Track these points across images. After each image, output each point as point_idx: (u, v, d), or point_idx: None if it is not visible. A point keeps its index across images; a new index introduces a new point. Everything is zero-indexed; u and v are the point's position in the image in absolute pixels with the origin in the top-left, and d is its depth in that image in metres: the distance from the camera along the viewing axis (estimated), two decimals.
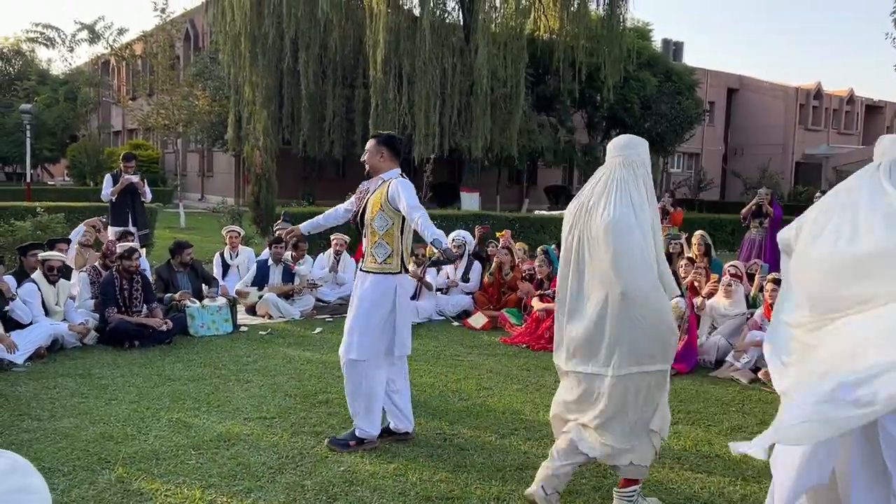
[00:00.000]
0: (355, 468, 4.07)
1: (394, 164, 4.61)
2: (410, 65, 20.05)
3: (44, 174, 41.12)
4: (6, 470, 1.26)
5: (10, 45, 39.58)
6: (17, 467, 1.29)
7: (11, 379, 5.64)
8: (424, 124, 20.15)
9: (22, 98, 32.16)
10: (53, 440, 4.34)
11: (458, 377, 6.08)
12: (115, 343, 6.72)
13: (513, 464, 4.22)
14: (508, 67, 21.27)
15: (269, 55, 21.80)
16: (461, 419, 5.01)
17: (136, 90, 31.53)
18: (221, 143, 25.02)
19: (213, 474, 3.93)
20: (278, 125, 22.60)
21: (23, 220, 11.02)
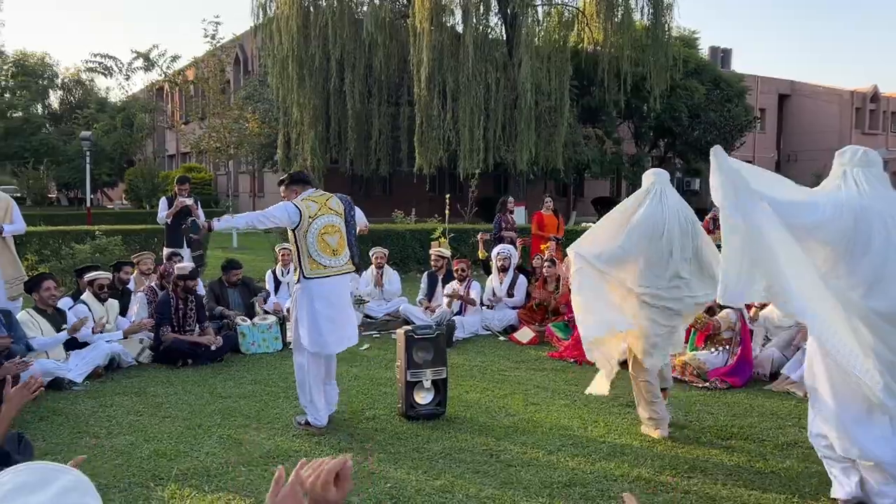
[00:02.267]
0: (402, 484, 4.08)
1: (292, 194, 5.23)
2: (454, 81, 20.20)
3: (103, 198, 42.52)
4: (70, 487, 1.31)
5: (70, 76, 41.23)
6: (77, 486, 1.34)
7: (71, 398, 5.83)
8: (469, 139, 20.23)
9: (82, 126, 33.40)
10: (110, 457, 4.47)
11: (504, 393, 6.05)
12: (169, 361, 6.89)
13: (560, 480, 4.17)
14: (552, 80, 21.24)
15: (316, 76, 22.25)
16: (508, 435, 4.98)
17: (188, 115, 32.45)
18: (272, 163, 25.53)
19: (263, 490, 3.99)
20: (325, 144, 23.00)
21: (82, 244, 11.44)
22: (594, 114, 26.18)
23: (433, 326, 5.52)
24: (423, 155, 20.70)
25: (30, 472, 1.31)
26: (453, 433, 4.99)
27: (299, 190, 5.24)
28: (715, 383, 6.26)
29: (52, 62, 40.47)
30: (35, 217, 21.05)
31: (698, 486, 4.11)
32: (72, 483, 1.33)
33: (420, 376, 5.21)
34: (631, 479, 4.22)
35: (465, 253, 13.89)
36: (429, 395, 5.27)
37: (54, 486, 1.29)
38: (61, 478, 1.32)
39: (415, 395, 5.23)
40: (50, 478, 1.31)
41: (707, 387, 6.21)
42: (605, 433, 5.05)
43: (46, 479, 1.29)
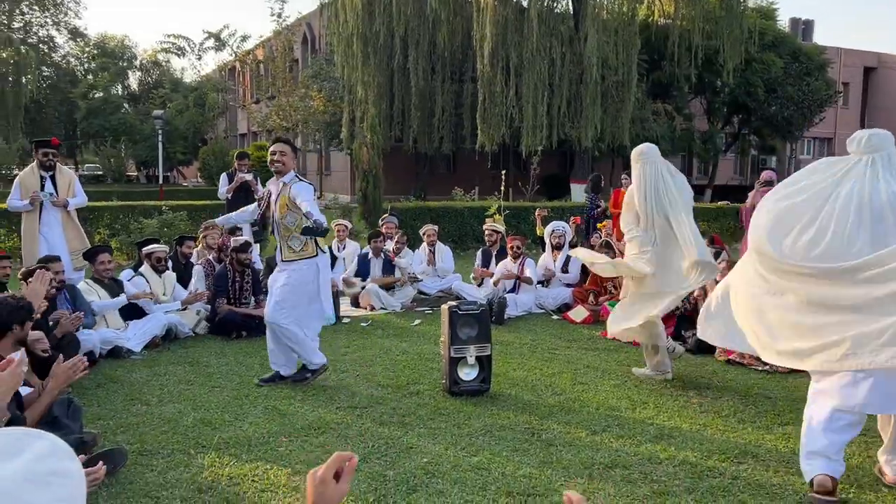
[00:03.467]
0: (438, 460, 4.03)
1: (294, 164, 5.46)
2: (518, 56, 19.88)
3: (178, 176, 43.95)
4: (45, 453, 1.28)
5: (148, 57, 42.62)
6: (55, 451, 1.31)
7: (128, 366, 6.02)
8: (532, 116, 19.92)
9: (158, 105, 34.51)
10: (158, 425, 4.58)
11: (552, 371, 5.94)
12: (224, 333, 7.03)
13: (602, 461, 4.05)
14: (620, 54, 20.66)
15: (380, 54, 22.28)
16: (552, 414, 4.87)
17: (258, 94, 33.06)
18: (337, 141, 25.79)
19: (300, 461, 4.01)
20: (389, 122, 23.06)
21: (150, 218, 11.81)
22: (664, 89, 25.37)
23: (478, 302, 5.43)
24: (486, 132, 20.50)
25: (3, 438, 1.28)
26: (496, 410, 4.91)
27: (292, 161, 5.48)
28: (775, 366, 5.96)
29: (131, 44, 41.92)
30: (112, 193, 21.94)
31: (748, 473, 3.92)
32: (48, 448, 1.30)
33: (464, 352, 5.15)
34: (676, 462, 4.06)
35: (525, 231, 13.74)
36: (473, 372, 5.20)
37: (28, 453, 1.27)
38: (35, 444, 1.30)
39: (458, 372, 5.17)
40: (22, 444, 1.28)
41: (767, 370, 5.94)
42: (654, 415, 4.89)
43: (18, 446, 1.27)
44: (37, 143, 7.59)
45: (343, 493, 1.49)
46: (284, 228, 5.32)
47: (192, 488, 3.64)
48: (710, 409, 5.02)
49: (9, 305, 3.60)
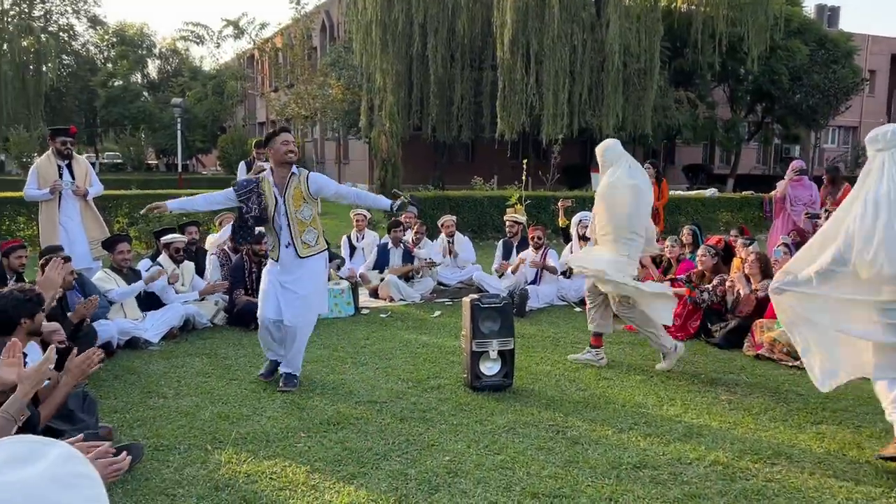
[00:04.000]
0: (460, 458, 3.92)
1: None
2: (538, 43, 19.61)
3: (198, 164, 44.10)
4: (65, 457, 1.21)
5: (167, 45, 42.73)
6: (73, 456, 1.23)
7: (145, 357, 5.95)
8: (553, 104, 19.67)
9: (177, 93, 34.58)
10: (175, 418, 4.50)
11: (576, 366, 5.79)
12: (242, 324, 6.95)
13: (630, 461, 3.91)
14: (643, 41, 20.33)
15: (399, 41, 22.09)
16: (577, 410, 4.74)
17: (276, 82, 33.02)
18: (356, 130, 25.69)
19: (320, 458, 3.92)
20: (408, 110, 22.89)
21: None
22: (687, 77, 24.99)
23: (500, 295, 5.29)
24: (506, 120, 20.28)
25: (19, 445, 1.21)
26: (519, 406, 4.79)
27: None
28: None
29: (151, 32, 42.00)
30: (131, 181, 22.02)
31: (782, 475, 3.77)
32: (66, 453, 1.23)
33: (486, 347, 5.02)
34: (707, 462, 3.91)
35: (546, 221, 13.55)
36: (495, 367, 5.08)
37: (48, 458, 1.19)
38: (53, 450, 1.23)
39: (480, 366, 5.05)
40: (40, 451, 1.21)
41: (798, 366, 5.75)
42: (682, 412, 4.74)
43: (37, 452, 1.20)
44: (54, 132, 7.53)
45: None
46: (299, 223, 4.95)
47: (209, 486, 3.55)
48: (740, 407, 4.86)
49: (15, 298, 3.51)
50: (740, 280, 6.78)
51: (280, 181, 4.98)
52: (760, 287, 6.58)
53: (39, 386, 3.01)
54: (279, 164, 4.99)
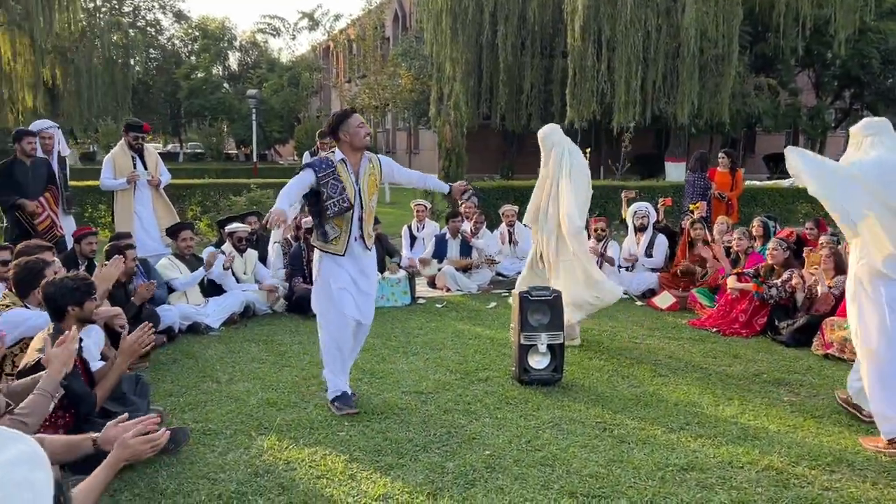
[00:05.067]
0: (500, 453, 3.86)
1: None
2: (611, 29, 19.13)
3: (275, 154, 45.20)
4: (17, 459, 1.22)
5: (247, 38, 43.88)
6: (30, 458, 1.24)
7: (205, 342, 6.13)
8: (625, 91, 19.16)
9: (255, 85, 35.49)
10: (224, 403, 4.61)
11: (630, 361, 5.63)
12: (300, 311, 7.06)
13: (677, 463, 3.77)
14: (720, 26, 19.51)
15: (469, 30, 21.97)
16: (626, 408, 4.60)
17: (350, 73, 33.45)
18: (425, 120, 25.76)
19: (360, 447, 3.93)
20: (477, 99, 22.77)
21: (239, 196, 12.10)
22: (768, 62, 23.91)
23: (551, 288, 5.19)
24: (575, 108, 19.89)
25: None
26: (566, 402, 4.69)
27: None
28: None
29: (231, 25, 43.18)
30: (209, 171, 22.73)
31: (840, 484, 3.56)
32: (24, 454, 1.23)
33: (535, 340, 4.94)
34: (760, 467, 3.73)
35: (613, 212, 13.26)
36: (544, 360, 4.99)
37: (2, 457, 1.20)
38: (11, 447, 1.23)
39: (529, 360, 4.97)
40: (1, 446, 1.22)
41: None
42: (739, 413, 4.54)
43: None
44: (128, 126, 7.82)
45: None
46: (369, 213, 4.53)
47: (249, 472, 3.61)
48: (802, 409, 4.62)
49: (64, 287, 3.64)
50: (819, 277, 6.44)
51: (355, 167, 4.47)
52: (834, 284, 6.24)
53: (69, 362, 3.11)
54: (355, 148, 4.45)
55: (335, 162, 4.41)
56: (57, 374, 2.96)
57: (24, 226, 6.80)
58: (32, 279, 4.26)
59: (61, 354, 3.01)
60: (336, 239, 4.46)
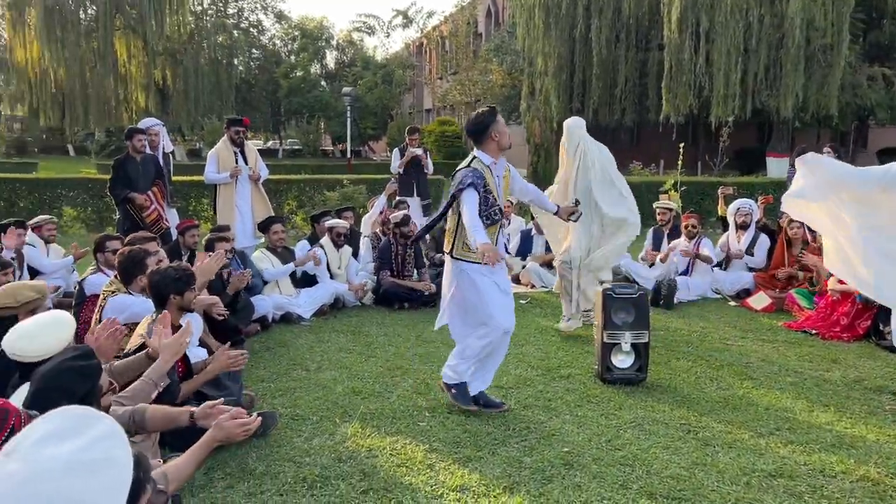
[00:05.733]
0: (579, 451, 3.84)
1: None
2: (709, 21, 18.48)
3: (369, 151, 46.18)
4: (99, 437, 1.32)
5: (343, 37, 44.97)
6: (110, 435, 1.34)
7: (296, 331, 6.37)
8: (724, 84, 18.48)
9: (350, 83, 36.35)
10: (312, 390, 4.78)
11: (720, 363, 5.46)
12: (387, 304, 7.23)
13: (764, 469, 3.65)
14: (829, 14, 18.50)
15: (562, 24, 21.77)
16: (713, 410, 4.48)
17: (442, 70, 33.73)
18: (516, 115, 25.69)
19: (440, 438, 4.00)
20: (569, 94, 22.53)
21: (332, 191, 12.45)
22: (884, 51, 22.45)
23: (637, 285, 5.10)
24: (671, 102, 19.36)
25: (65, 419, 1.33)
26: (650, 402, 4.61)
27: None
28: None
29: (329, 25, 44.34)
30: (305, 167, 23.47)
31: None
32: (105, 432, 1.34)
33: (618, 338, 4.87)
34: (855, 477, 3.56)
35: (709, 209, 12.86)
36: (628, 359, 4.91)
37: (85, 436, 1.30)
38: (96, 426, 1.34)
39: (612, 358, 4.91)
40: (83, 426, 1.32)
41: None
42: (835, 420, 4.33)
43: (79, 427, 1.31)
44: (229, 121, 8.18)
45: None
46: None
47: (333, 457, 3.74)
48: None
49: (167, 276, 3.87)
50: None
51: (496, 171, 4.31)
52: None
53: (179, 355, 3.32)
54: (501, 148, 4.31)
55: (482, 171, 4.22)
56: (165, 364, 3.16)
57: (134, 218, 7.25)
58: (134, 267, 4.55)
59: (173, 346, 3.20)
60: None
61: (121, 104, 31.71)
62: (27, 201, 12.64)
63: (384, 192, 8.97)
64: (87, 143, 39.18)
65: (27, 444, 1.26)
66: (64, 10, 28.91)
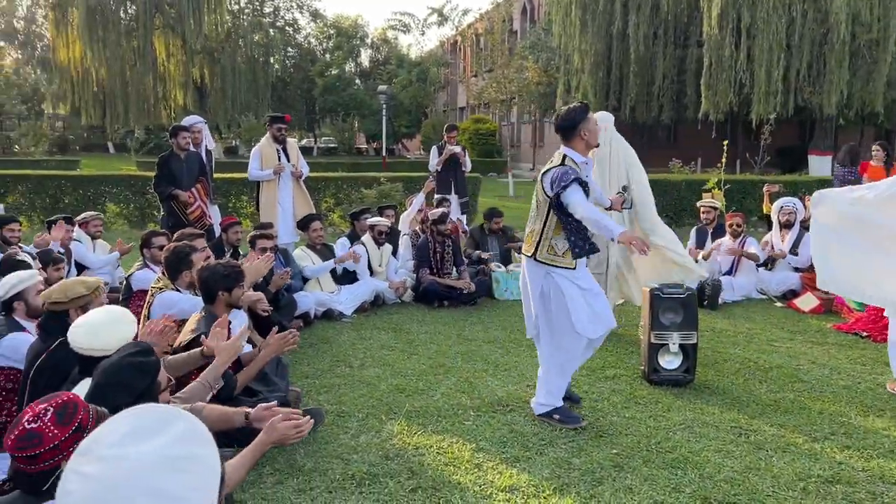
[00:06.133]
0: (628, 453, 3.78)
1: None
2: (751, 16, 18.16)
3: (402, 149, 46.30)
4: (181, 436, 1.30)
5: (378, 35, 45.13)
6: (193, 434, 1.33)
7: (338, 328, 6.39)
8: (765, 81, 18.15)
9: (385, 81, 36.46)
10: (357, 387, 4.78)
11: (769, 365, 5.35)
12: (427, 302, 7.22)
13: (820, 474, 3.55)
14: (875, 8, 18.06)
15: (599, 20, 21.60)
16: (764, 413, 4.38)
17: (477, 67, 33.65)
18: (552, 112, 25.51)
19: (486, 438, 3.98)
20: (606, 91, 22.35)
21: (369, 189, 12.48)
22: None
23: (684, 285, 5.01)
24: (710, 99, 19.07)
25: (145, 417, 1.32)
26: (699, 404, 4.52)
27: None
28: None
29: (364, 23, 44.54)
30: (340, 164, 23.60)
31: None
32: (186, 431, 1.32)
33: (666, 339, 4.79)
34: None
35: (751, 208, 12.64)
36: (675, 360, 4.83)
37: (168, 434, 1.29)
38: (176, 424, 1.32)
39: (659, 359, 4.83)
40: (164, 424, 1.31)
41: None
42: (891, 425, 4.21)
43: (160, 426, 1.30)
44: (272, 119, 8.24)
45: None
46: None
47: (380, 454, 3.73)
48: None
49: (217, 273, 3.90)
50: None
51: (588, 172, 4.21)
52: None
53: (234, 357, 3.34)
54: (590, 147, 4.20)
55: (578, 168, 4.06)
56: (222, 366, 3.18)
57: (178, 215, 7.33)
58: (179, 263, 4.60)
59: (229, 349, 3.23)
60: (567, 252, 4.10)
61: (160, 102, 32.27)
62: (72, 198, 12.88)
63: (423, 189, 8.96)
64: (126, 140, 39.91)
65: (106, 444, 1.25)
66: (105, 10, 29.50)
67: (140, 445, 1.24)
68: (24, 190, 12.90)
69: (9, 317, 3.93)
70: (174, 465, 1.23)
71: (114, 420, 1.32)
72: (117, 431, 1.28)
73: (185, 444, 1.28)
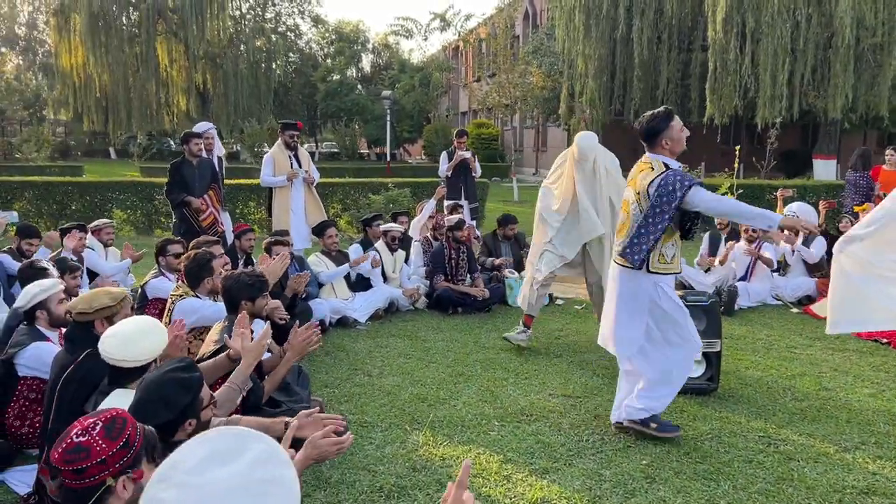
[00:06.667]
0: (659, 463, 3.74)
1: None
2: (755, 21, 18.13)
3: (404, 154, 46.23)
4: (263, 458, 1.26)
5: (379, 40, 45.14)
6: (270, 456, 1.29)
7: (353, 335, 6.33)
8: (770, 85, 18.11)
9: (387, 86, 36.44)
10: (378, 396, 4.73)
11: (791, 373, 5.30)
12: (441, 308, 7.17)
13: (855, 485, 3.51)
14: (880, 12, 18.04)
15: (603, 25, 21.58)
16: (791, 422, 4.33)
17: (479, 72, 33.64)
18: (554, 117, 25.50)
19: (512, 449, 3.93)
20: (609, 96, 22.33)
21: (377, 194, 12.43)
22: None
23: (708, 293, 4.96)
24: (715, 103, 19.04)
25: (222, 440, 1.28)
26: (725, 413, 4.47)
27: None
28: None
29: (365, 28, 44.56)
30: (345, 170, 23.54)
31: None
32: (264, 453, 1.28)
33: None
34: None
35: None
36: (699, 369, 4.78)
37: (246, 457, 1.25)
38: (253, 447, 1.28)
39: None
40: (242, 447, 1.27)
41: None
42: None
43: (238, 449, 1.26)
44: (284, 125, 8.20)
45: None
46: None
47: (407, 466, 3.68)
48: None
49: (241, 282, 3.85)
50: None
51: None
52: None
53: (259, 358, 3.29)
54: (674, 155, 3.99)
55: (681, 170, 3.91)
56: (248, 368, 3.13)
57: (190, 221, 7.28)
58: (200, 270, 4.55)
59: (255, 349, 3.18)
60: (675, 257, 4.00)
61: (162, 108, 32.24)
62: (79, 204, 12.82)
63: (434, 195, 8.91)
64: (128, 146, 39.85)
65: (184, 470, 1.21)
66: (108, 15, 29.47)
67: (218, 470, 1.20)
68: (31, 196, 12.84)
69: (31, 326, 3.88)
70: (254, 489, 1.19)
71: (190, 444, 1.28)
72: (195, 456, 1.23)
73: (264, 466, 1.24)
